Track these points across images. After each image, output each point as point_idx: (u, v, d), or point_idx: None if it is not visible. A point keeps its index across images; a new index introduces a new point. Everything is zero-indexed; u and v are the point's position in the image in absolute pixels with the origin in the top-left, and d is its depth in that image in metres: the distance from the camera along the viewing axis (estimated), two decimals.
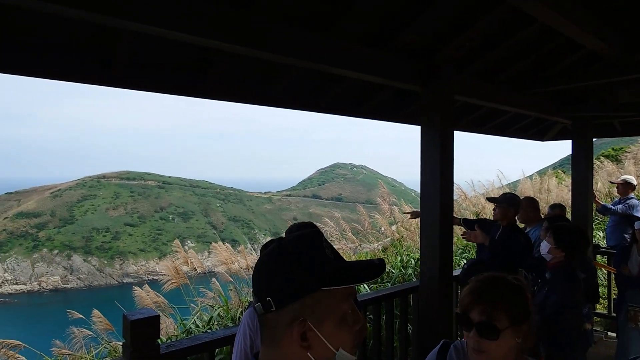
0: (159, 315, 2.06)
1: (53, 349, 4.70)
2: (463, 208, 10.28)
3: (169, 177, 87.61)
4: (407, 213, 4.20)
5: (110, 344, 4.79)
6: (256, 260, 0.90)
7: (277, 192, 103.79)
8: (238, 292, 5.17)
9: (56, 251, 59.08)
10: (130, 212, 70.56)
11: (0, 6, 1.71)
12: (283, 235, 1.29)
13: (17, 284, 54.79)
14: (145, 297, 4.94)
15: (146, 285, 5.19)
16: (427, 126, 3.17)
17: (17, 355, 4.27)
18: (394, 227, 8.80)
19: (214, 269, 6.28)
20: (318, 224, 7.73)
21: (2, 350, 4.19)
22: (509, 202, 3.78)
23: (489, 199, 4.59)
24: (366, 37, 2.71)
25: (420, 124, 3.24)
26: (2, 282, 54.23)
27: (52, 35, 2.08)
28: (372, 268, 0.90)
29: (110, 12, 1.63)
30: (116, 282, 58.70)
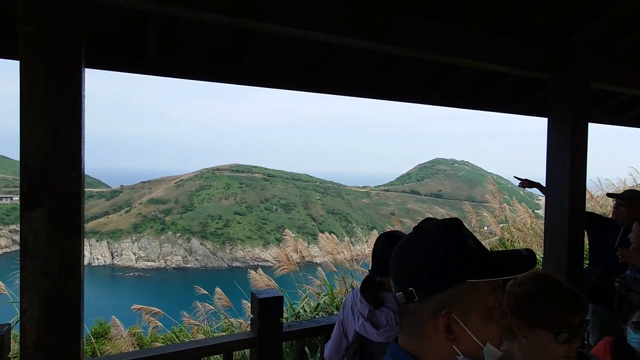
0: (282, 296, 2.23)
1: (183, 319, 5.36)
2: (588, 209, 9.15)
3: (273, 170, 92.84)
4: (519, 179, 3.81)
5: (229, 319, 5.30)
6: (386, 250, 0.89)
7: (374, 186, 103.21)
8: (345, 281, 5.31)
9: (179, 234, 66.98)
10: (239, 202, 76.62)
11: (162, 18, 1.98)
12: (379, 230, 1.29)
13: (148, 260, 63.52)
14: (259, 279, 5.36)
15: (259, 269, 5.63)
16: (556, 118, 2.87)
17: (156, 321, 4.97)
18: (502, 226, 8.21)
19: (314, 259, 6.54)
20: (419, 218, 7.53)
21: (145, 315, 4.93)
22: (638, 200, 3.26)
23: (610, 195, 4.00)
24: (489, 23, 2.56)
25: (547, 115, 2.95)
26: (138, 259, 63.37)
27: (196, 41, 2.37)
28: (521, 260, 0.85)
29: (247, 15, 1.76)
30: (226, 265, 64.36)
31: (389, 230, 2.77)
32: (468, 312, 0.81)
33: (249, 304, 5.68)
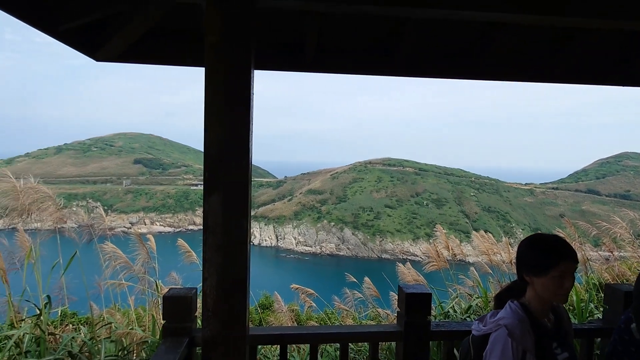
0: (430, 294, 2.15)
1: (335, 303, 5.67)
2: None
3: (425, 164, 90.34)
4: None
5: (377, 309, 5.38)
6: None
7: (540, 183, 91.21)
8: (500, 285, 4.83)
9: (333, 223, 71.20)
10: (390, 195, 77.09)
11: (318, 16, 2.09)
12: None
13: (306, 245, 69.44)
14: (407, 273, 5.29)
15: (408, 263, 5.56)
16: None
17: (311, 301, 5.38)
18: None
19: (466, 258, 6.09)
20: (598, 222, 6.29)
21: (302, 295, 5.39)
22: None
23: None
24: None
25: None
26: (297, 243, 69.85)
27: (350, 36, 2.44)
28: None
29: (403, 2, 1.71)
30: (376, 257, 65.69)
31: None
32: None
33: (397, 297, 5.69)
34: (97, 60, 2.26)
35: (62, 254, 4.06)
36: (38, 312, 3.62)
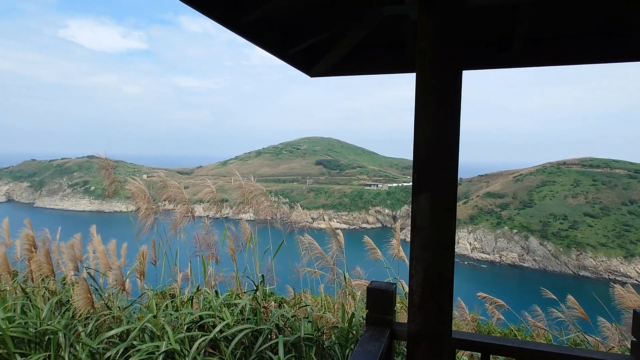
0: None
1: (529, 319, 5.10)
2: None
3: None
4: None
5: (584, 334, 4.62)
6: None
7: None
8: None
9: (515, 230, 64.02)
10: (591, 201, 64.95)
11: (530, 7, 1.94)
12: None
13: (483, 252, 64.35)
14: (626, 297, 4.37)
15: (628, 285, 4.58)
16: None
17: (499, 314, 4.97)
18: None
19: None
20: None
21: (488, 305, 5.03)
22: None
23: None
24: None
25: None
26: (473, 249, 65.35)
27: (568, 23, 2.17)
28: None
29: None
30: (571, 272, 56.29)
31: None
32: None
33: (606, 323, 4.74)
34: (311, 76, 2.60)
35: (272, 241, 4.83)
36: (255, 287, 4.38)
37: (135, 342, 3.75)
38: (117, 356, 3.61)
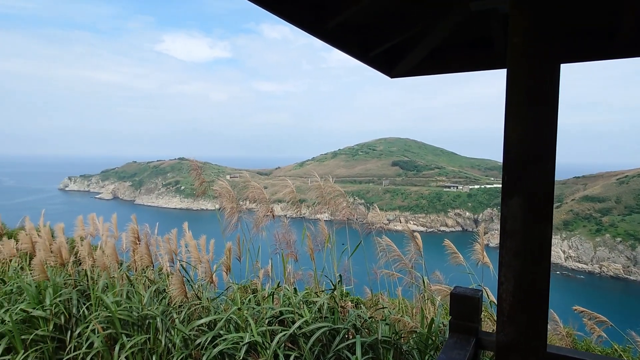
0: None
1: (637, 339, 4.52)
2: None
3: None
4: None
5: None
6: None
7: None
8: None
9: (619, 239, 57.00)
10: None
11: None
12: None
13: (579, 262, 58.21)
14: None
15: None
16: None
17: (600, 330, 4.47)
18: None
19: None
20: None
21: (586, 320, 4.54)
22: None
23: None
24: None
25: None
26: (567, 258, 59.43)
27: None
28: None
29: None
30: None
31: None
32: None
33: None
34: (391, 77, 2.58)
35: (350, 242, 4.86)
36: (332, 287, 4.44)
37: (222, 332, 4.02)
38: (207, 343, 3.90)
